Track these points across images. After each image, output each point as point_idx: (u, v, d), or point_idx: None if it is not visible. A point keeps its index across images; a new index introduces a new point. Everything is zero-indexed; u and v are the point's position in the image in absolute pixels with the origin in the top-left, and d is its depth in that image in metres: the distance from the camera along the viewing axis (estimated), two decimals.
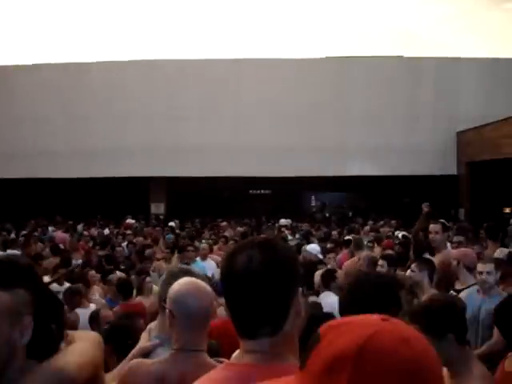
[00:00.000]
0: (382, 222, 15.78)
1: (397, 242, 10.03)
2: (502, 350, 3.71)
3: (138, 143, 21.72)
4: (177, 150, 21.58)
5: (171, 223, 16.66)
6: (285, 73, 22.08)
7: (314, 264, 7.48)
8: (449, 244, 6.85)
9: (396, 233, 12.86)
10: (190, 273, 2.77)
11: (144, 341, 2.96)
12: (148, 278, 7.04)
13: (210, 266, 9.16)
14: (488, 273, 4.65)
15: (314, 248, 9.39)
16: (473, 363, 2.64)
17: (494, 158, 18.46)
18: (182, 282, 2.48)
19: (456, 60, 23.00)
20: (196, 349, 2.37)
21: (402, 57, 23.27)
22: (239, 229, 15.36)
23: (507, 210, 16.82)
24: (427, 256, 6.06)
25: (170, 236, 13.29)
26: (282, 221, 17.58)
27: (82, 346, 1.81)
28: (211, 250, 10.55)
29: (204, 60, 22.81)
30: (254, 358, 1.42)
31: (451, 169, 22.01)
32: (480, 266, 4.77)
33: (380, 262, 6.54)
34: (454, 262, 5.37)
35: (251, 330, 1.43)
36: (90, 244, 12.79)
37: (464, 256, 5.37)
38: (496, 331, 4.38)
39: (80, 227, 17.85)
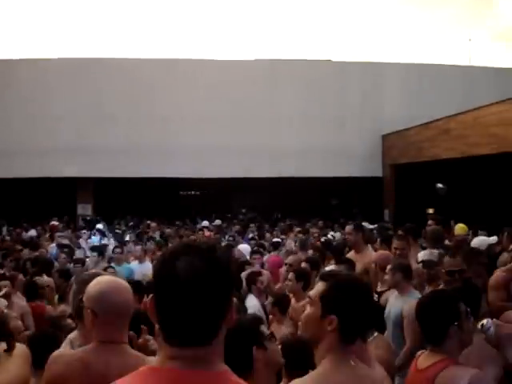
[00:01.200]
0: (309, 224, 15.98)
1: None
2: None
3: (65, 143, 21.13)
4: (105, 150, 21.16)
5: (99, 225, 16.33)
6: (215, 74, 22.06)
7: (241, 264, 7.58)
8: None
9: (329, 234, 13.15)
10: (98, 275, 2.70)
11: None
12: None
13: (146, 268, 8.95)
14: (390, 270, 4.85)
15: (245, 248, 9.54)
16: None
17: (417, 161, 19.09)
18: (101, 280, 2.47)
19: (381, 65, 23.66)
20: (119, 341, 2.36)
21: (330, 61, 23.73)
22: (168, 230, 15.26)
23: (430, 211, 17.39)
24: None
25: (96, 239, 13.04)
26: (205, 222, 17.56)
27: (16, 363, 1.76)
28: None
29: (132, 59, 22.50)
30: (185, 365, 1.40)
31: (376, 171, 22.60)
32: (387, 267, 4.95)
33: (303, 264, 6.60)
34: (373, 265, 5.56)
35: (186, 336, 1.41)
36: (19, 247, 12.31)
37: (381, 258, 5.55)
38: (409, 337, 4.56)
39: (4, 229, 17.31)
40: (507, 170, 15.35)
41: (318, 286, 2.17)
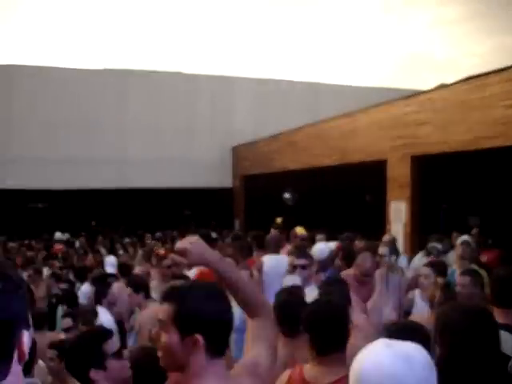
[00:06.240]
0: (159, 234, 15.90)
1: None
2: None
3: None
4: None
5: None
6: (65, 83, 21.46)
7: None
8: None
9: None
10: None
11: None
12: None
13: None
14: None
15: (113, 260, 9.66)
16: None
17: (266, 172, 19.71)
18: None
19: (231, 79, 24.24)
20: None
21: (180, 73, 23.88)
22: (11, 244, 14.50)
23: (279, 220, 18.03)
24: None
25: None
26: (58, 235, 16.91)
27: None
28: None
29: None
30: None
31: (227, 182, 23.08)
32: None
33: None
34: None
35: None
36: None
37: None
38: None
39: None
40: (347, 180, 16.31)
41: (165, 310, 1.86)
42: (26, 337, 1.28)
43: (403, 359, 1.59)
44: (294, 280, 4.93)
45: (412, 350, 1.64)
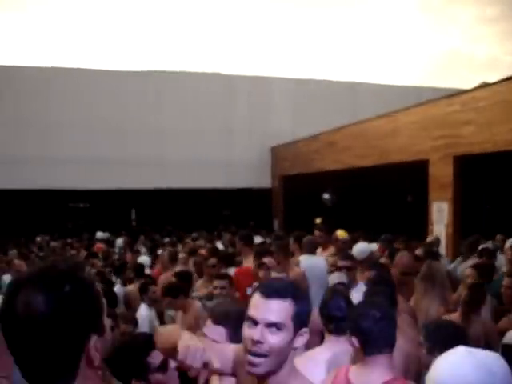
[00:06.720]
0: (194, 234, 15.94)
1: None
2: None
3: None
4: None
5: None
6: (103, 85, 21.76)
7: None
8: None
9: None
10: None
11: None
12: None
13: None
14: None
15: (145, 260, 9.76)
16: None
17: (305, 172, 19.64)
18: None
19: (268, 79, 24.24)
20: None
21: (218, 74, 23.99)
22: (53, 244, 14.73)
23: (318, 221, 17.89)
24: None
25: None
26: (99, 234, 17.15)
27: None
28: None
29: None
30: None
31: (266, 182, 23.09)
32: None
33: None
34: None
35: (39, 380, 1.24)
36: None
37: None
38: None
39: None
40: (387, 181, 16.12)
41: (284, 307, 1.84)
42: (94, 341, 1.28)
43: (484, 368, 1.56)
44: (339, 277, 4.91)
45: (491, 358, 1.60)
